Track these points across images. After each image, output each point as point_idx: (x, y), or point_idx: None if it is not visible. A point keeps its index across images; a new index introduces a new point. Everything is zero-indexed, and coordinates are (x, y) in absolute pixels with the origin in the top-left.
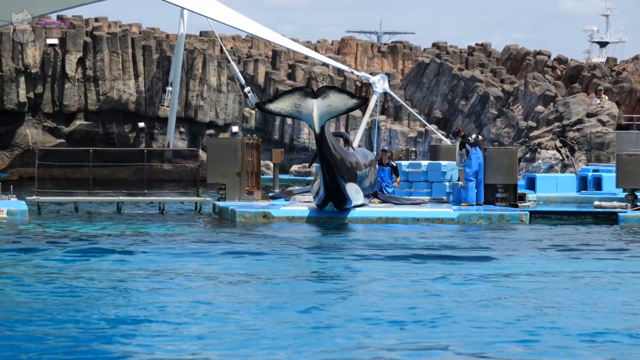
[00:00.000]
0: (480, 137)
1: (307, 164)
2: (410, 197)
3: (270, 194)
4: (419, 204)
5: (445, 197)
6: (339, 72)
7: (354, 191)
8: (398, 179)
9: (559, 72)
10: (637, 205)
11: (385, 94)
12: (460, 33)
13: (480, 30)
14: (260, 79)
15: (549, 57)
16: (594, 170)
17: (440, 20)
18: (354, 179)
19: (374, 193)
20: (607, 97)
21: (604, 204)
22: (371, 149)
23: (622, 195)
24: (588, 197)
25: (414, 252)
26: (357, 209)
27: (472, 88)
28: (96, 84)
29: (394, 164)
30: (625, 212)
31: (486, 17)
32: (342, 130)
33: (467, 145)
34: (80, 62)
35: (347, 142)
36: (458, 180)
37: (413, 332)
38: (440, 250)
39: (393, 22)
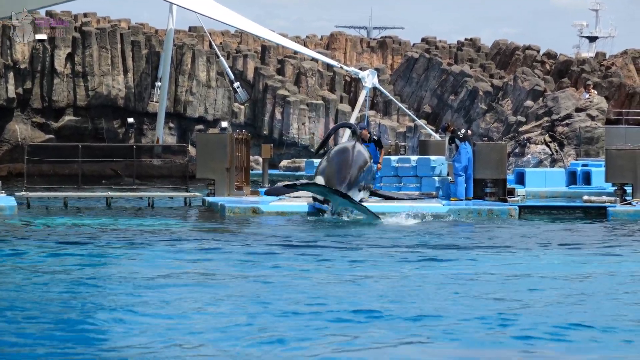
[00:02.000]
0: (469, 132)
1: (315, 151)
2: (405, 193)
3: (262, 190)
4: (415, 199)
5: (434, 192)
6: (328, 67)
7: (358, 196)
8: (381, 159)
9: (548, 67)
10: (626, 200)
11: (374, 89)
12: (449, 28)
13: (469, 25)
14: (250, 74)
15: (538, 52)
16: (583, 165)
17: (430, 15)
18: (359, 184)
19: (368, 187)
20: (596, 92)
21: (593, 198)
22: None
23: (611, 189)
24: (577, 192)
25: (402, 247)
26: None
27: (461, 83)
28: (85, 80)
29: (376, 137)
30: (615, 206)
31: (475, 11)
32: (331, 125)
33: (456, 140)
34: (69, 57)
35: (355, 134)
36: (447, 175)
37: (400, 327)
38: (428, 246)
39: (382, 17)
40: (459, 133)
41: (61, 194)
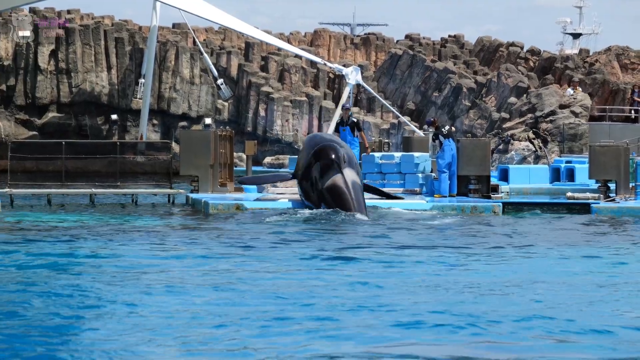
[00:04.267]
0: (452, 128)
1: None
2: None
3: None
4: (400, 199)
5: (418, 189)
6: (312, 64)
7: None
8: (366, 143)
9: (531, 64)
10: (609, 196)
11: (358, 85)
12: (432, 25)
13: (452, 22)
14: (233, 71)
15: (522, 48)
16: (567, 162)
17: (413, 12)
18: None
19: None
20: (580, 89)
21: (576, 195)
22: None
23: (595, 186)
24: (561, 189)
25: (384, 244)
26: None
27: (445, 80)
28: (69, 76)
29: (355, 120)
30: (598, 203)
31: (458, 8)
32: (315, 122)
33: (440, 136)
34: (53, 54)
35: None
36: (431, 172)
37: (384, 325)
38: (411, 242)
39: (366, 13)
40: (443, 129)
41: (45, 191)
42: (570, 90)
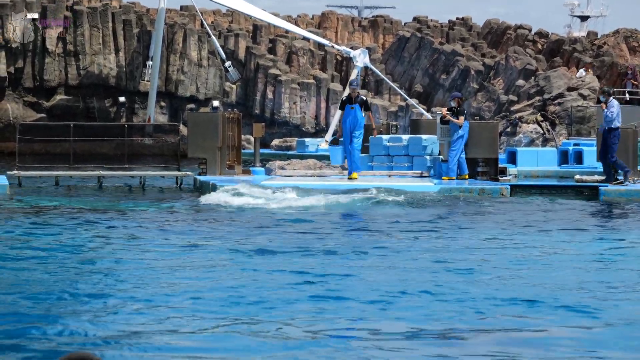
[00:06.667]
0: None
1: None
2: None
3: (254, 170)
4: None
5: (426, 172)
6: (320, 46)
7: None
8: (373, 124)
9: (539, 46)
10: (617, 179)
11: (365, 68)
12: (439, 7)
13: (460, 4)
14: (241, 54)
15: (530, 31)
16: (575, 144)
17: None
18: None
19: None
20: (591, 71)
21: (585, 177)
22: None
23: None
24: (569, 171)
25: (391, 226)
26: (337, 181)
27: (453, 62)
28: (77, 59)
29: (364, 98)
30: (606, 185)
31: None
32: (323, 104)
33: (466, 114)
34: (61, 36)
35: None
36: (439, 154)
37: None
38: (419, 225)
39: None
40: (465, 110)
41: (53, 173)
42: (582, 71)
